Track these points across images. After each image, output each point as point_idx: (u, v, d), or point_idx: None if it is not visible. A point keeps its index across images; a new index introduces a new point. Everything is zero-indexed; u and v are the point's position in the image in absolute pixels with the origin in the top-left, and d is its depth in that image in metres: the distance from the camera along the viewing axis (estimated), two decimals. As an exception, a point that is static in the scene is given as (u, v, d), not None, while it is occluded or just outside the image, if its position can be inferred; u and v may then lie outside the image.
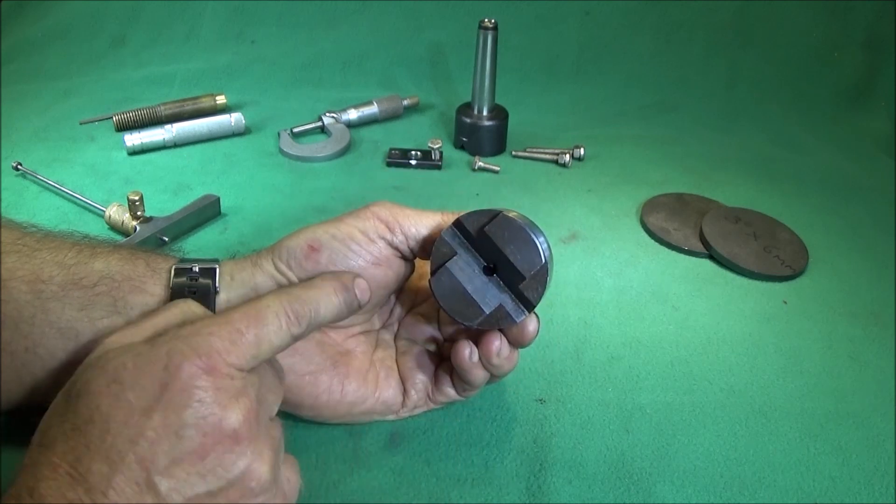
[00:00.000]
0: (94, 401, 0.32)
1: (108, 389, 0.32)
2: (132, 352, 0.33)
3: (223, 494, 0.32)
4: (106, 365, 0.33)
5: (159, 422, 0.31)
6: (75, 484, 0.30)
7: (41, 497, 0.30)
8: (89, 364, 0.34)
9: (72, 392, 0.33)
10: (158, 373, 0.32)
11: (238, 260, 0.45)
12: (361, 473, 0.45)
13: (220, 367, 0.33)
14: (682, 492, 0.45)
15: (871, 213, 0.80)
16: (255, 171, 0.82)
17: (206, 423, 0.32)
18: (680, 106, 1.06)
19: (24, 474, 0.31)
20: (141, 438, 0.31)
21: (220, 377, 0.33)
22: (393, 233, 0.44)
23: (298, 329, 0.37)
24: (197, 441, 0.32)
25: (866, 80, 1.07)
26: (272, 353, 0.36)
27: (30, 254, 0.41)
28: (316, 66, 1.09)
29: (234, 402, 0.33)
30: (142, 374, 0.32)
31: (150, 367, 0.32)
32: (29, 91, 0.98)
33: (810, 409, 0.52)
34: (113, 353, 0.33)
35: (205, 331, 0.34)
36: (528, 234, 0.41)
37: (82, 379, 0.33)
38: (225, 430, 0.32)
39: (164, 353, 0.33)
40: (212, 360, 0.33)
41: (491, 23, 0.82)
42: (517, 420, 0.49)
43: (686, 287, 0.65)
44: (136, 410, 0.31)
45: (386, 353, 0.48)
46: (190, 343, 0.33)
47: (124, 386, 0.32)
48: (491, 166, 0.85)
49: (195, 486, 0.31)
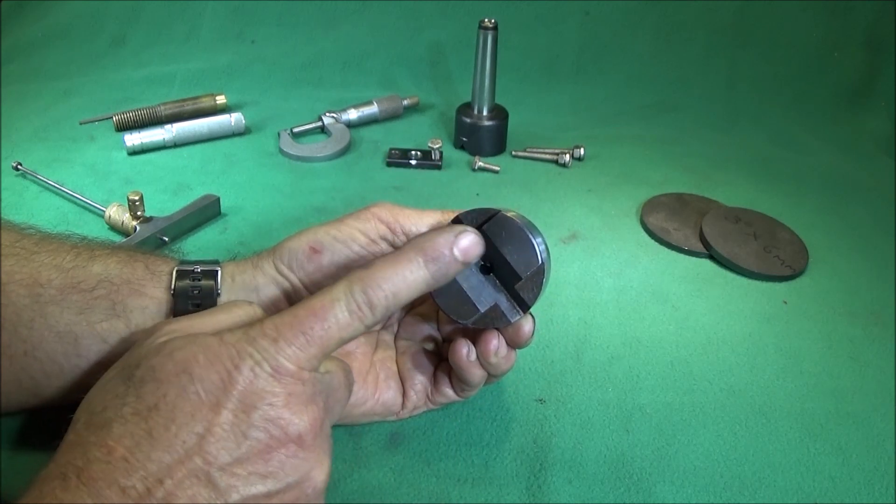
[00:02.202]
0: (162, 388, 0.31)
1: (177, 379, 0.32)
2: (202, 344, 0.33)
3: (279, 496, 0.32)
4: (174, 353, 0.32)
5: (227, 419, 0.31)
6: (131, 470, 0.29)
7: (91, 479, 0.29)
8: (153, 349, 0.33)
9: (133, 375, 0.32)
10: (230, 371, 0.32)
11: (239, 262, 0.45)
12: (361, 473, 0.45)
13: (290, 374, 0.33)
14: (682, 492, 0.45)
15: (871, 213, 0.80)
16: (255, 171, 0.82)
17: (274, 426, 0.32)
18: (680, 106, 1.06)
19: (70, 452, 0.31)
20: (208, 434, 0.31)
21: (290, 382, 0.33)
22: (394, 233, 0.44)
23: (372, 318, 0.35)
24: (263, 443, 0.32)
25: (866, 80, 1.07)
26: (342, 345, 0.35)
27: (28, 257, 0.41)
28: (316, 66, 1.09)
29: (303, 408, 0.33)
30: (212, 370, 0.32)
31: (221, 364, 0.32)
32: (29, 91, 0.98)
33: (810, 409, 0.52)
34: (181, 342, 0.33)
35: (272, 334, 0.33)
36: (525, 234, 0.41)
37: (147, 364, 0.32)
38: (291, 434, 0.32)
39: (234, 353, 0.32)
40: (281, 366, 0.33)
41: (491, 23, 0.82)
42: (517, 420, 0.49)
43: (686, 287, 0.65)
44: (205, 404, 0.31)
45: (386, 353, 0.48)
46: (258, 347, 0.33)
47: (193, 378, 0.32)
48: (491, 166, 0.85)
49: (254, 487, 0.31)
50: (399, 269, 0.36)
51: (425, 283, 0.37)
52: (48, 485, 0.29)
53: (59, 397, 0.41)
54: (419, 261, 0.37)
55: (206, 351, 0.32)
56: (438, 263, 0.37)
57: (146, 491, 0.29)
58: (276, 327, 0.33)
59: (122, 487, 0.29)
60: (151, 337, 0.35)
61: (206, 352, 0.32)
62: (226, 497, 0.31)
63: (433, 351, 0.48)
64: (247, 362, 0.32)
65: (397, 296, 0.36)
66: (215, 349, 0.33)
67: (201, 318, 0.36)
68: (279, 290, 0.43)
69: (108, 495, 0.29)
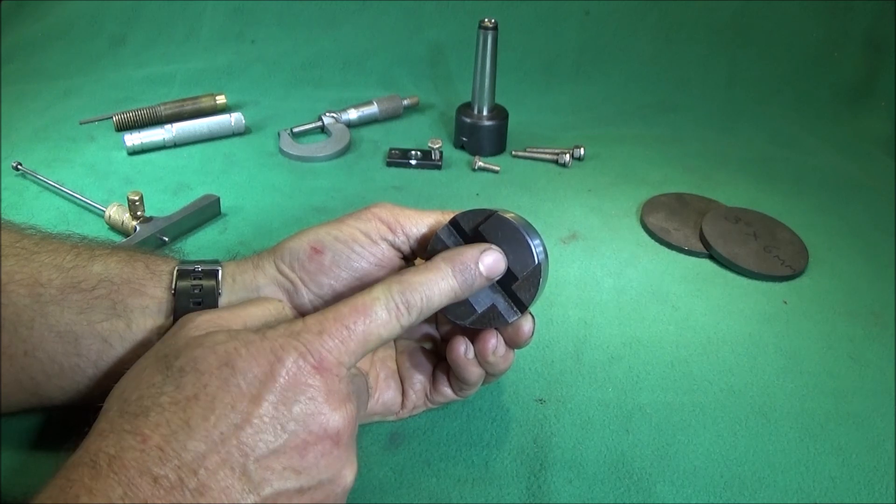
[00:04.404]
0: (203, 380, 0.31)
1: (220, 371, 0.32)
2: (243, 339, 0.33)
3: (309, 494, 0.32)
4: (216, 346, 0.33)
5: (267, 411, 0.31)
6: (165, 460, 0.29)
7: (123, 467, 0.29)
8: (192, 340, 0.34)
9: (171, 365, 0.32)
10: (272, 364, 0.32)
11: (239, 262, 0.45)
12: (361, 473, 0.45)
13: (331, 368, 0.33)
14: (682, 492, 0.45)
15: (871, 213, 0.80)
16: (255, 171, 0.82)
17: (314, 422, 0.32)
18: (680, 106, 1.06)
19: (102, 440, 0.30)
20: (247, 425, 0.31)
21: (331, 378, 0.33)
22: (395, 234, 0.44)
23: (409, 319, 0.37)
24: (301, 437, 0.32)
25: (866, 80, 1.07)
26: (380, 344, 0.36)
27: (28, 257, 0.41)
28: (316, 66, 1.09)
29: (342, 405, 0.33)
30: (254, 363, 0.32)
31: (264, 358, 0.32)
32: (29, 91, 0.98)
33: (810, 409, 0.52)
34: (223, 336, 0.33)
35: (316, 328, 0.34)
36: (521, 234, 0.41)
37: (188, 355, 0.33)
38: (329, 431, 0.33)
39: (278, 346, 0.33)
40: (324, 359, 0.33)
41: (491, 23, 0.82)
42: (517, 420, 0.49)
43: (686, 287, 0.65)
44: (246, 397, 0.31)
45: (386, 353, 0.48)
46: (302, 339, 0.33)
47: (236, 370, 0.32)
48: (491, 166, 0.85)
49: (287, 481, 0.32)
50: (431, 276, 0.38)
51: (453, 292, 0.39)
52: (76, 472, 0.29)
53: (59, 397, 0.41)
54: (448, 270, 0.39)
55: (249, 346, 0.33)
56: (465, 275, 0.40)
57: (178, 481, 0.29)
58: (320, 322, 0.34)
59: (154, 477, 0.29)
60: (185, 329, 0.35)
61: (248, 346, 0.33)
62: (259, 490, 0.31)
63: (432, 350, 0.48)
64: (291, 355, 0.33)
65: (430, 300, 0.38)
66: (258, 344, 0.33)
67: (232, 312, 0.37)
68: (280, 290, 0.43)
69: (139, 484, 0.29)
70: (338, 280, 0.43)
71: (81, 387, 0.41)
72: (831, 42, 1.10)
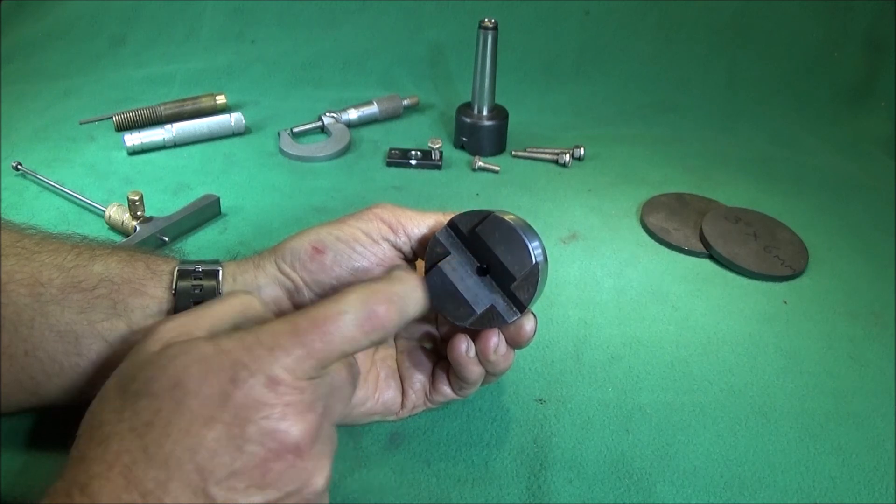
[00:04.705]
0: (156, 403, 0.31)
1: (172, 394, 0.31)
2: (196, 354, 0.32)
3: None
4: (168, 365, 0.32)
5: (222, 433, 0.30)
6: (130, 487, 0.29)
7: (93, 496, 0.29)
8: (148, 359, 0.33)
9: (129, 388, 0.32)
10: (223, 384, 0.31)
11: (240, 261, 0.45)
12: (362, 473, 0.45)
13: (286, 381, 0.32)
14: (682, 492, 0.45)
15: (871, 213, 0.80)
16: (255, 171, 0.82)
17: (271, 439, 0.31)
18: (680, 106, 1.06)
19: (75, 469, 0.30)
20: (201, 448, 0.30)
21: (286, 392, 0.32)
22: (396, 234, 0.44)
23: (380, 334, 0.35)
24: (259, 456, 0.31)
25: (866, 80, 1.07)
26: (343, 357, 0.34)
27: (29, 256, 0.41)
28: (316, 66, 1.09)
29: (300, 417, 0.32)
30: (206, 383, 0.31)
31: (215, 377, 0.31)
32: (29, 91, 0.98)
33: (810, 409, 0.52)
34: (175, 351, 0.32)
35: (269, 342, 0.32)
36: (518, 234, 0.41)
37: (142, 376, 0.32)
38: (288, 445, 0.32)
39: (229, 364, 0.31)
40: (276, 377, 0.32)
41: (491, 23, 0.82)
42: (517, 420, 0.49)
43: (686, 287, 0.65)
44: (198, 419, 0.30)
45: (386, 352, 0.48)
46: (254, 355, 0.32)
47: (188, 392, 0.31)
48: (491, 166, 0.85)
49: (252, 498, 0.31)
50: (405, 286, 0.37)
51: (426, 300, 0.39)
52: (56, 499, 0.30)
53: (59, 397, 0.41)
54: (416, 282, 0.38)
55: (200, 362, 0.32)
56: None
57: None
58: (273, 336, 0.33)
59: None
60: (148, 341, 0.34)
61: (199, 363, 0.32)
62: None
63: (431, 349, 0.48)
64: (241, 374, 0.31)
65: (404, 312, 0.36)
66: (209, 359, 0.32)
67: (197, 315, 0.36)
68: (282, 290, 0.43)
69: None
70: (339, 280, 0.43)
71: (82, 386, 0.41)
72: (831, 42, 1.10)
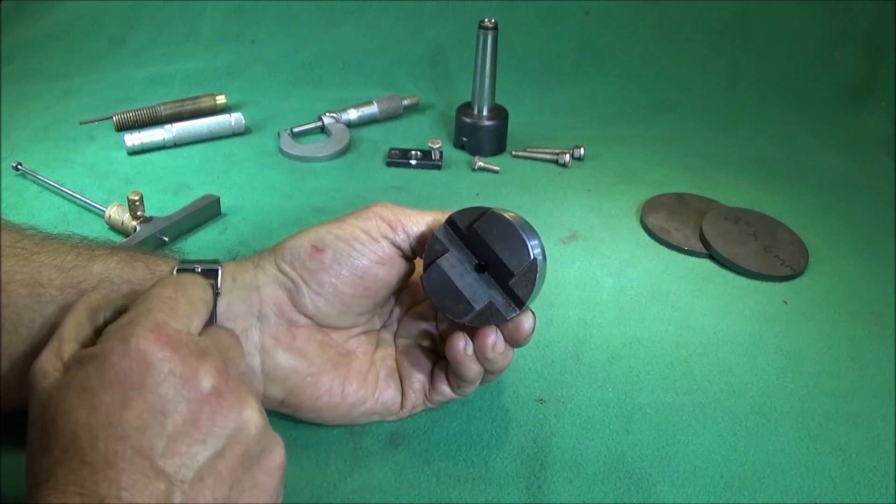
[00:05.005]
0: (72, 416, 0.31)
1: (81, 400, 0.31)
2: (84, 359, 0.32)
3: (229, 451, 0.32)
4: (69, 383, 0.32)
5: (141, 407, 0.31)
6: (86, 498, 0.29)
7: None
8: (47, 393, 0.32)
9: (44, 423, 0.32)
10: (121, 363, 0.31)
11: (240, 261, 0.45)
12: (362, 473, 0.45)
13: (174, 335, 0.33)
14: (682, 492, 0.45)
15: (871, 213, 0.80)
16: (255, 171, 0.82)
17: (186, 391, 0.32)
18: (680, 106, 1.06)
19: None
20: (131, 430, 0.30)
21: (178, 344, 0.33)
22: (395, 232, 0.44)
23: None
24: (184, 411, 0.31)
25: (866, 80, 1.07)
26: (207, 310, 0.37)
27: (28, 257, 0.41)
28: (316, 66, 1.09)
29: (202, 362, 0.33)
30: (106, 372, 0.31)
31: (111, 362, 0.32)
32: (29, 91, 0.98)
33: (810, 409, 0.52)
34: (70, 369, 0.33)
35: (141, 308, 0.34)
36: (516, 230, 0.41)
37: (51, 404, 0.32)
38: (204, 390, 0.32)
39: (117, 344, 0.32)
40: (163, 330, 0.33)
41: (491, 23, 0.82)
42: (517, 420, 0.49)
43: (686, 287, 0.65)
44: (115, 407, 0.31)
45: (386, 352, 0.48)
46: (137, 323, 0.33)
47: (94, 391, 0.31)
48: (491, 166, 0.85)
49: (200, 455, 0.31)
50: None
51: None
52: None
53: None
54: None
55: (93, 362, 0.32)
56: None
57: None
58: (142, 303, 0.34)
59: None
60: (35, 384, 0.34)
61: (92, 363, 0.32)
62: (180, 477, 0.30)
63: (430, 349, 0.48)
64: (132, 344, 0.32)
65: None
66: (100, 354, 0.32)
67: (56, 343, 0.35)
68: (281, 289, 0.43)
69: None
70: (338, 278, 0.43)
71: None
72: (831, 42, 1.10)
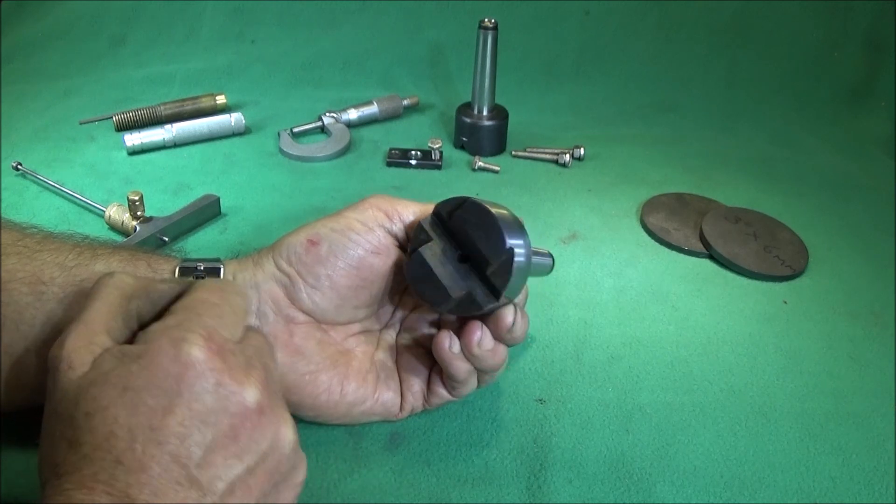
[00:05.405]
0: (110, 413, 0.30)
1: (123, 399, 0.30)
2: (129, 354, 0.32)
3: (261, 467, 0.32)
4: (109, 376, 0.31)
5: (184, 415, 0.30)
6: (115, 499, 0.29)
7: None
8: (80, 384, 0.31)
9: (76, 416, 0.31)
10: (169, 366, 0.31)
11: (241, 259, 0.45)
12: (361, 473, 0.45)
13: (223, 345, 0.32)
14: (682, 492, 0.45)
15: (871, 213, 0.80)
16: (255, 171, 0.82)
17: (231, 404, 0.31)
18: (680, 106, 1.06)
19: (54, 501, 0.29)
20: (171, 437, 0.30)
21: (228, 354, 0.32)
22: (391, 220, 0.44)
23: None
24: (226, 424, 0.31)
25: (866, 80, 1.07)
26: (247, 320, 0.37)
27: (30, 255, 0.41)
28: (316, 66, 1.09)
29: (248, 374, 0.33)
30: (152, 374, 0.31)
31: (159, 364, 0.31)
32: (29, 91, 0.98)
33: (810, 409, 0.52)
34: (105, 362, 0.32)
35: (190, 313, 0.33)
36: (493, 218, 0.40)
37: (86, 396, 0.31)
38: (248, 404, 0.32)
39: (167, 347, 0.31)
40: (214, 339, 0.32)
41: (491, 23, 0.82)
42: (517, 420, 0.49)
43: (686, 287, 0.65)
44: (158, 411, 0.30)
45: (387, 354, 0.48)
46: (188, 329, 0.32)
47: (139, 391, 0.30)
48: (491, 166, 0.85)
49: (234, 468, 0.31)
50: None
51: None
52: None
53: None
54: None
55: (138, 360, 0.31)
56: None
57: None
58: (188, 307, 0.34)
59: None
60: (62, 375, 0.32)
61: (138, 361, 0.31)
62: (213, 489, 0.30)
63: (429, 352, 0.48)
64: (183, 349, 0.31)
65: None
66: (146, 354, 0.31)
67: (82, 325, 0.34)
68: (278, 286, 0.43)
69: None
70: (334, 270, 0.43)
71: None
72: (831, 42, 1.10)
